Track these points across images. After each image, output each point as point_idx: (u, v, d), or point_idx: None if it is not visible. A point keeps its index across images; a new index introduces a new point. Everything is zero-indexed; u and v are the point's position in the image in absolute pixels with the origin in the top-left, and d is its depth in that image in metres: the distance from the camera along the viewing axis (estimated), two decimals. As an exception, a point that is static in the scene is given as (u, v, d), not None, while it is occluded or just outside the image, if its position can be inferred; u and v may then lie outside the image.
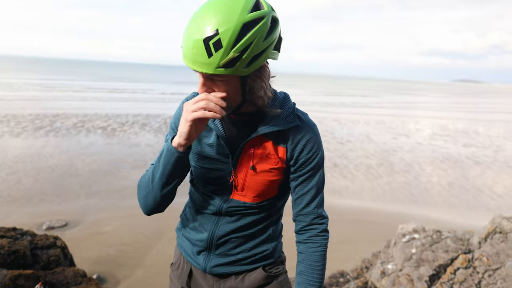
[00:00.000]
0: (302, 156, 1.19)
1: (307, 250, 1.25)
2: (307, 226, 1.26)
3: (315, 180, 1.23)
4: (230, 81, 1.03)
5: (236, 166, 1.20)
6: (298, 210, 1.26)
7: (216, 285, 1.33)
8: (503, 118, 24.96)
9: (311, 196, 1.24)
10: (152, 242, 5.00)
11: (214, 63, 0.96)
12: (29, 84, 29.68)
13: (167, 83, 45.26)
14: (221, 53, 0.94)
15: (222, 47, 0.94)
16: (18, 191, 6.53)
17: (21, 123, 12.37)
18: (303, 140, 1.19)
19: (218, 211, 1.25)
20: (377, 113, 22.70)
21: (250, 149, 1.18)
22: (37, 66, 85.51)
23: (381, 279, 3.56)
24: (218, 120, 1.19)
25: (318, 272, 1.24)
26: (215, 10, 0.95)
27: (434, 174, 9.50)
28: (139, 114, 15.96)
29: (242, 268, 1.31)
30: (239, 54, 0.96)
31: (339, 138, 13.38)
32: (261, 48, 1.00)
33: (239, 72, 0.99)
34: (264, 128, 1.16)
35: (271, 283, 1.33)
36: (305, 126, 1.20)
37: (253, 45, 0.97)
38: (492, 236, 3.68)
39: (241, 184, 1.21)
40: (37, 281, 2.17)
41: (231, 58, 0.95)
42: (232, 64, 0.97)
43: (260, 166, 1.19)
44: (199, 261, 1.32)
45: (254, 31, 0.96)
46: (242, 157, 1.19)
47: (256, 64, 1.01)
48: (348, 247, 5.12)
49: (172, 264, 1.46)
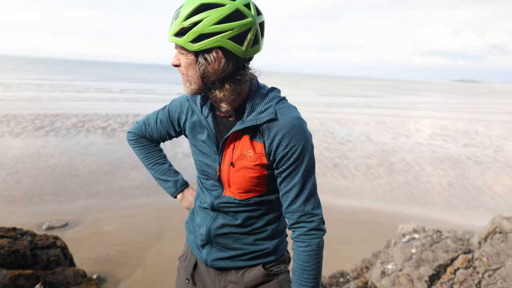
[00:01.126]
0: (279, 151, 1.17)
1: (297, 249, 1.23)
2: (295, 224, 1.23)
3: (299, 176, 1.19)
4: (189, 56, 1.13)
5: (220, 162, 1.26)
6: (284, 207, 1.24)
7: (218, 278, 1.36)
8: (503, 118, 24.96)
9: (295, 193, 1.20)
10: (152, 242, 5.00)
11: (171, 32, 1.10)
12: (29, 84, 29.68)
13: (167, 83, 45.26)
14: (177, 24, 1.08)
15: (178, 18, 1.08)
16: (18, 191, 6.53)
17: (21, 123, 12.37)
18: (279, 134, 1.16)
19: (211, 206, 1.31)
20: (377, 113, 22.69)
21: (231, 145, 1.23)
22: (37, 66, 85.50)
23: (381, 279, 3.56)
24: (211, 118, 1.27)
25: (308, 272, 1.21)
26: None
27: (434, 174, 9.50)
28: (139, 114, 15.96)
29: (242, 263, 1.33)
30: (188, 27, 1.07)
31: (339, 138, 13.38)
32: (210, 30, 1.06)
33: (187, 46, 1.08)
34: (239, 124, 1.19)
35: (271, 281, 1.34)
36: (283, 119, 1.16)
37: (202, 24, 1.06)
38: (492, 236, 3.68)
39: (226, 180, 1.26)
40: (37, 281, 2.17)
41: (180, 28, 1.07)
42: (181, 34, 1.09)
43: (239, 162, 1.22)
44: (202, 255, 1.37)
45: (206, 12, 1.06)
46: (225, 154, 1.24)
47: (202, 44, 1.07)
48: (348, 247, 5.12)
49: (181, 256, 1.53)
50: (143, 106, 19.24)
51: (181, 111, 1.37)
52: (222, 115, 1.25)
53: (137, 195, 6.73)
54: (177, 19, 1.08)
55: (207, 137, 1.28)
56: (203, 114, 1.28)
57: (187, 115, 1.35)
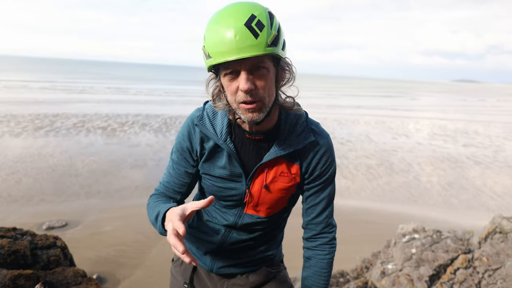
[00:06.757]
0: (316, 169, 1.20)
1: (315, 256, 1.28)
2: (317, 234, 1.28)
3: (327, 191, 1.24)
4: (270, 68, 1.03)
5: (249, 185, 1.19)
6: (309, 219, 1.27)
7: (220, 283, 1.36)
8: (503, 118, 24.95)
9: (322, 207, 1.25)
10: (152, 242, 4.99)
11: (263, 42, 0.95)
12: (29, 84, 29.67)
13: (167, 83, 45.25)
14: (266, 31, 0.96)
15: (265, 26, 0.96)
16: (18, 191, 6.53)
17: (21, 123, 12.36)
18: (318, 154, 1.19)
19: (231, 225, 1.26)
20: (377, 113, 22.69)
21: (264, 169, 1.17)
22: (37, 66, 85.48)
23: (381, 279, 3.56)
24: (230, 140, 1.15)
25: (324, 277, 1.27)
26: (238, 5, 1.00)
27: (434, 174, 9.50)
28: (139, 114, 15.96)
29: (247, 269, 1.36)
30: (277, 33, 0.99)
31: (339, 138, 13.38)
32: (284, 36, 1.04)
33: (281, 53, 1.01)
34: (278, 150, 1.14)
35: (273, 279, 1.39)
36: (320, 139, 1.19)
37: (281, 29, 1.02)
38: (492, 236, 3.68)
39: (255, 201, 1.21)
40: (37, 281, 2.17)
41: (274, 35, 0.97)
42: (275, 42, 0.99)
43: (273, 185, 1.18)
44: (206, 261, 1.35)
45: (276, 18, 1.01)
46: (256, 177, 1.18)
47: (286, 49, 1.05)
48: (348, 247, 5.11)
49: (174, 260, 1.47)
50: (142, 105, 19.21)
51: (192, 139, 1.20)
52: (255, 137, 1.15)
53: (137, 195, 6.73)
54: (263, 29, 0.95)
55: (228, 161, 1.16)
56: (221, 138, 1.15)
57: (201, 142, 1.19)
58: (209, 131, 1.16)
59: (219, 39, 0.96)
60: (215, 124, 1.17)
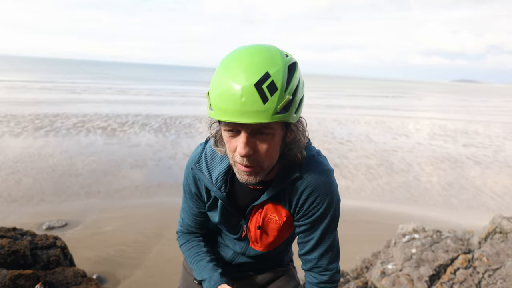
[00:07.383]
0: (303, 208, 1.09)
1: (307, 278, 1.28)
2: (307, 270, 1.23)
3: (318, 233, 1.12)
4: (276, 133, 0.91)
5: (248, 224, 1.18)
6: (300, 254, 1.23)
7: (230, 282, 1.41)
8: (503, 118, 24.95)
9: (311, 246, 1.15)
10: (152, 242, 4.99)
11: (271, 109, 0.83)
12: (29, 84, 29.66)
13: (167, 83, 45.25)
14: (277, 96, 0.83)
15: (278, 90, 0.84)
16: (18, 191, 6.52)
17: (21, 123, 12.36)
18: (304, 193, 1.06)
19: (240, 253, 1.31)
20: (377, 113, 22.68)
21: (258, 210, 1.14)
22: (37, 66, 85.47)
23: (381, 279, 3.56)
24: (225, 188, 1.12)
25: None
26: (255, 55, 0.86)
27: (434, 174, 9.50)
28: (139, 114, 15.95)
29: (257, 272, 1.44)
30: (292, 97, 0.87)
31: (339, 138, 13.38)
32: (303, 92, 0.93)
33: (292, 118, 0.89)
34: (267, 193, 1.09)
35: (282, 276, 1.44)
36: (307, 176, 1.04)
37: (299, 88, 0.90)
38: (492, 236, 3.68)
39: (253, 239, 1.22)
40: (37, 281, 2.17)
41: (287, 101, 0.85)
42: (287, 108, 0.86)
43: (267, 226, 1.17)
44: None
45: (297, 73, 0.90)
46: (251, 217, 1.16)
47: (300, 110, 0.93)
48: (348, 247, 5.11)
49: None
50: (142, 105, 19.20)
51: (198, 185, 1.19)
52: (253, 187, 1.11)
53: (137, 195, 6.73)
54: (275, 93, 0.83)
55: (221, 206, 1.16)
56: (215, 185, 1.11)
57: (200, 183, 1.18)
58: (205, 176, 1.12)
59: (224, 94, 0.85)
60: (212, 168, 1.12)
